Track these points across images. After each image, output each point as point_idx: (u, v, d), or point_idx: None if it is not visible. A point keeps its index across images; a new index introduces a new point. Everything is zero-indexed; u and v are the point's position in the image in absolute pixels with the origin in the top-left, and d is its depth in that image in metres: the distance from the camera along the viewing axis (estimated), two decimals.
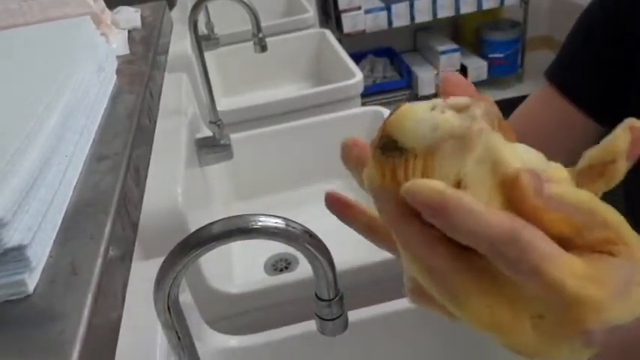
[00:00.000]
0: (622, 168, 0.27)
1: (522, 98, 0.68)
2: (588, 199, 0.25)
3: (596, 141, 0.62)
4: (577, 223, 0.25)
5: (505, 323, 0.24)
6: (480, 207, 0.24)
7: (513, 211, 0.24)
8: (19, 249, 0.28)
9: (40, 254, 0.30)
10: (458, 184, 0.25)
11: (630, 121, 0.27)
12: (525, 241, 0.23)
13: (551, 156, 0.27)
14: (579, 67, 0.61)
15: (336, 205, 0.34)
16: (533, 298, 0.24)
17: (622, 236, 0.25)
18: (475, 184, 0.25)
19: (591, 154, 0.27)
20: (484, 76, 3.23)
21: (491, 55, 3.26)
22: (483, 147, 0.25)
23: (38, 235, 0.30)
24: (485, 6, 3.10)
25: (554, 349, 0.24)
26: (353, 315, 0.58)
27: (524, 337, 0.24)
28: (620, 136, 0.27)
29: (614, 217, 0.25)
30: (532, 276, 0.23)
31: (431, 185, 0.24)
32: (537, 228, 0.24)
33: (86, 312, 0.28)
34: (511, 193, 0.24)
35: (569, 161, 0.63)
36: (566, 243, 0.24)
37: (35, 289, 0.29)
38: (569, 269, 0.23)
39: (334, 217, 0.35)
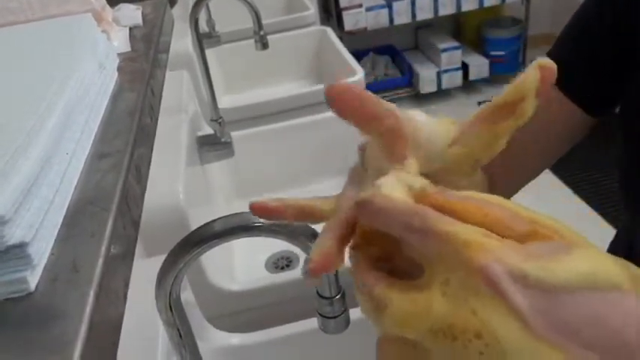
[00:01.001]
0: (531, 106, 0.28)
1: None
2: (498, 200, 0.26)
3: (586, 130, 0.62)
4: (497, 215, 0.25)
5: (420, 303, 0.25)
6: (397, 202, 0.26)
7: None
8: (21, 246, 0.28)
9: (41, 252, 0.30)
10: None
11: (540, 61, 0.28)
12: (427, 211, 0.25)
13: (541, 147, 0.28)
14: (573, 59, 0.61)
15: (261, 213, 0.35)
16: (440, 267, 0.25)
17: (555, 230, 0.25)
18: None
19: (505, 94, 0.29)
20: (485, 73, 3.22)
21: (492, 53, 3.25)
22: None
23: (40, 233, 0.30)
24: (487, 3, 3.09)
25: (466, 311, 0.24)
26: (355, 313, 0.58)
27: (441, 309, 0.24)
28: (530, 75, 0.28)
29: (541, 215, 0.26)
30: (430, 237, 0.24)
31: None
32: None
33: (88, 310, 0.28)
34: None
35: (558, 151, 0.63)
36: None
37: (37, 287, 0.29)
38: (464, 227, 0.24)
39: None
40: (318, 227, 0.45)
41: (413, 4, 3.02)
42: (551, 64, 0.28)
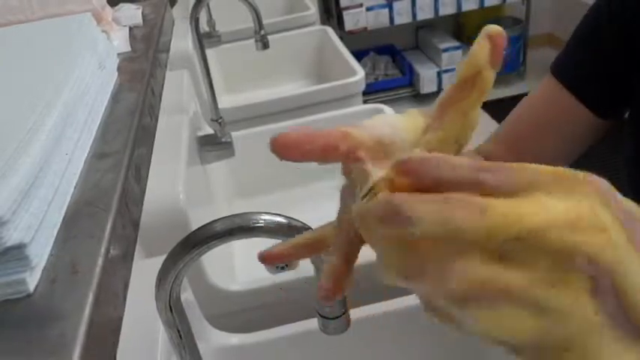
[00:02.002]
0: (489, 76, 0.29)
1: (524, 96, 0.68)
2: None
3: (597, 133, 0.62)
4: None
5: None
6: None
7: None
8: (20, 248, 0.28)
9: (40, 253, 0.30)
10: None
11: (487, 29, 0.28)
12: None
13: (552, 149, 0.27)
14: (584, 62, 0.61)
15: (271, 261, 0.35)
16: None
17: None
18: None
19: (460, 71, 0.29)
20: None
21: None
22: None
23: (39, 234, 0.30)
24: (487, 3, 3.09)
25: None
26: (355, 313, 0.58)
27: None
28: (481, 47, 0.28)
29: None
30: (506, 169, 0.24)
31: None
32: None
33: (87, 311, 0.28)
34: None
35: (571, 153, 0.63)
36: None
37: (36, 288, 0.29)
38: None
39: (335, 215, 0.35)
40: (314, 225, 0.45)
41: (413, 4, 3.02)
42: (499, 31, 0.28)
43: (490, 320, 0.23)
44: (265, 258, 0.35)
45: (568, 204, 0.22)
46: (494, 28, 0.28)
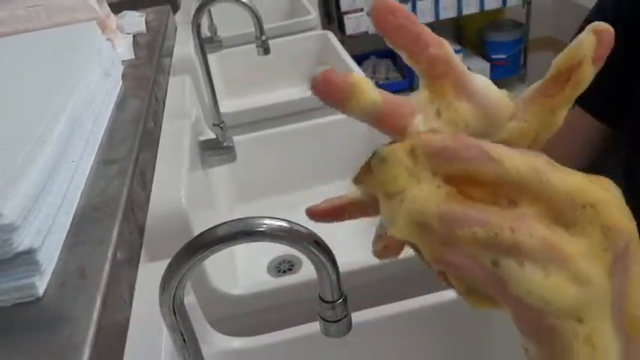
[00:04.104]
0: (588, 72, 0.27)
1: None
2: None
3: (603, 142, 0.62)
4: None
5: None
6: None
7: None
8: (30, 253, 0.29)
9: (49, 258, 0.31)
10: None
11: (596, 24, 0.27)
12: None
13: (554, 156, 0.27)
14: None
15: (322, 217, 0.34)
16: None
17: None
18: None
19: (558, 61, 0.27)
20: (487, 77, 3.22)
21: (493, 57, 3.26)
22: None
23: (48, 239, 0.31)
24: (488, 7, 3.10)
25: None
26: (357, 316, 0.58)
27: None
28: (586, 39, 0.27)
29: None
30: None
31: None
32: None
33: (95, 315, 0.29)
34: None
35: (578, 163, 0.63)
36: None
37: (45, 292, 0.30)
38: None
39: None
40: (316, 229, 0.45)
41: (414, 7, 3.02)
42: (608, 27, 0.26)
43: (545, 282, 0.23)
44: (314, 214, 0.33)
45: (617, 194, 0.24)
46: (602, 25, 0.26)
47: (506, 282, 0.23)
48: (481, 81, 0.30)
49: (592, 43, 0.26)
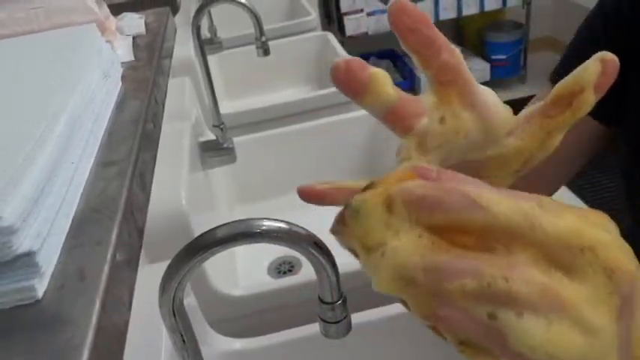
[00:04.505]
0: (589, 99, 0.27)
1: (525, 99, 0.68)
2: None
3: (600, 142, 0.62)
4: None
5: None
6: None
7: None
8: (29, 255, 0.29)
9: (49, 260, 0.31)
10: None
11: (603, 54, 0.27)
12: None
13: (556, 160, 0.27)
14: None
15: (313, 198, 0.33)
16: None
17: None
18: None
19: (562, 84, 0.27)
20: (487, 77, 3.23)
21: (493, 57, 3.26)
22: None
23: (47, 242, 0.31)
24: (488, 7, 3.10)
25: None
26: (356, 318, 0.58)
27: None
28: (591, 66, 0.27)
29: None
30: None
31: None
32: None
33: (94, 317, 0.29)
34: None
35: (575, 164, 0.63)
36: None
37: (45, 295, 0.30)
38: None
39: None
40: (316, 230, 0.45)
41: None
42: (613, 58, 0.27)
43: (546, 333, 0.21)
44: (304, 194, 0.33)
45: (613, 233, 0.23)
46: (609, 55, 0.27)
47: (506, 336, 0.21)
48: (486, 93, 0.30)
49: (596, 71, 0.26)
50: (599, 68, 0.26)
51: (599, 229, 0.23)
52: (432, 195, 0.22)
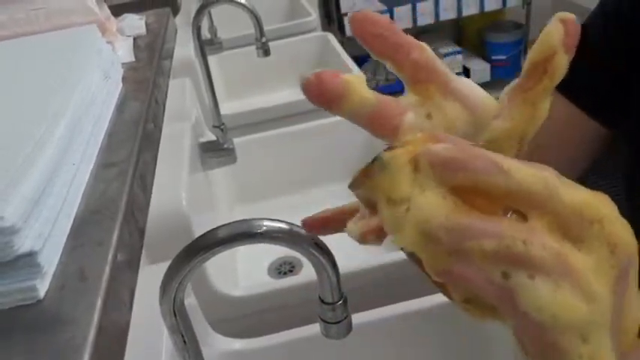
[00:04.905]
0: (562, 60, 0.27)
1: None
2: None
3: (601, 144, 0.62)
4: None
5: None
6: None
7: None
8: (31, 255, 0.29)
9: (50, 260, 0.31)
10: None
11: (560, 14, 0.27)
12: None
13: (552, 158, 0.27)
14: (582, 69, 0.61)
15: (316, 228, 0.35)
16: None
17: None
18: None
19: (532, 54, 0.28)
20: (487, 78, 3.23)
21: (493, 57, 3.26)
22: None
23: (49, 242, 0.31)
24: (488, 8, 3.10)
25: None
26: (357, 318, 0.58)
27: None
28: (554, 28, 0.27)
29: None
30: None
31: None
32: None
33: (96, 317, 0.29)
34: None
35: (578, 166, 0.63)
36: None
37: (46, 295, 0.30)
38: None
39: None
40: (320, 236, 0.45)
41: (414, 9, 3.03)
42: (572, 16, 0.27)
43: (554, 297, 0.22)
44: (308, 226, 0.34)
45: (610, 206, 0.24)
46: (567, 14, 0.27)
47: (516, 295, 0.22)
48: (465, 82, 0.30)
49: (560, 32, 0.27)
50: (561, 29, 0.27)
51: (608, 204, 0.24)
52: (457, 157, 0.23)
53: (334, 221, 0.34)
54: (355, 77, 0.28)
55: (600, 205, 0.24)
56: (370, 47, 0.29)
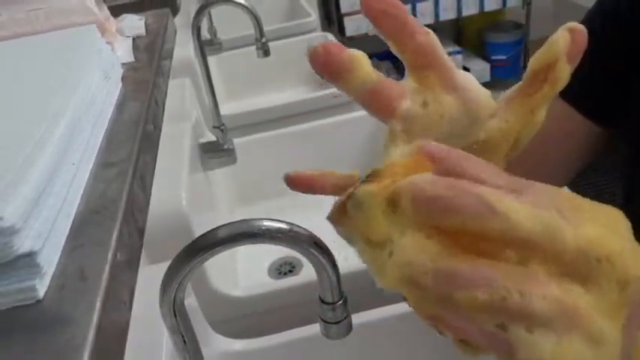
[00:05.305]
0: (564, 69, 0.26)
1: None
2: None
3: (598, 144, 0.62)
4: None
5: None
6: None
7: None
8: (30, 255, 0.29)
9: (50, 260, 0.31)
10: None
11: (570, 24, 0.27)
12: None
13: (550, 160, 0.27)
14: (579, 70, 0.61)
15: (300, 186, 0.33)
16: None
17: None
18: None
19: (535, 60, 0.27)
20: (487, 78, 3.23)
21: (493, 57, 3.26)
22: None
23: (48, 242, 0.31)
24: (488, 8, 3.10)
25: None
26: (357, 318, 0.58)
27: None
28: (561, 36, 0.26)
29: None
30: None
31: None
32: None
33: (95, 317, 0.29)
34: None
35: (574, 166, 0.63)
36: None
37: (45, 295, 0.30)
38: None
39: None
40: (316, 231, 0.45)
41: (414, 9, 3.03)
42: (581, 27, 0.26)
43: (558, 349, 0.20)
44: (290, 180, 0.33)
45: (623, 236, 0.22)
46: (576, 24, 0.26)
47: (515, 349, 0.20)
48: (465, 76, 0.30)
49: (566, 41, 0.26)
50: (568, 38, 0.26)
51: (615, 237, 0.22)
52: (444, 196, 0.21)
53: (319, 184, 0.33)
54: (361, 53, 0.28)
55: (608, 239, 0.21)
56: (376, 22, 0.29)
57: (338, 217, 0.25)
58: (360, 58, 0.28)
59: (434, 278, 0.21)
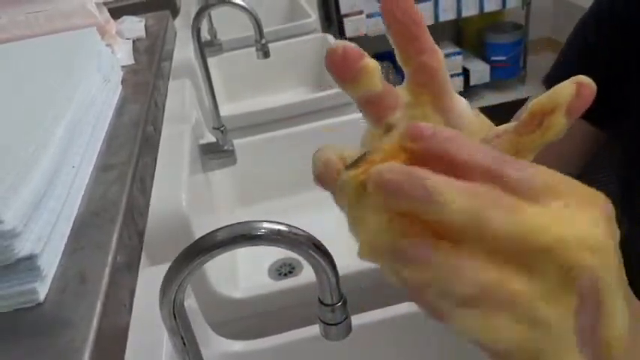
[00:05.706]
0: (559, 121, 0.26)
1: (525, 101, 0.68)
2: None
3: (595, 144, 0.62)
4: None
5: None
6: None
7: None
8: (31, 258, 0.29)
9: (50, 263, 0.31)
10: None
11: (579, 77, 0.26)
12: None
13: (548, 161, 0.27)
14: (575, 71, 0.61)
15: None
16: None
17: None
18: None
19: (535, 102, 0.27)
20: (486, 79, 3.23)
21: (493, 58, 3.26)
22: None
23: (48, 245, 0.31)
24: (487, 9, 3.10)
25: None
26: (356, 319, 0.58)
27: None
28: (566, 87, 0.26)
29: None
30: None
31: None
32: None
33: (95, 319, 0.29)
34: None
35: (571, 167, 0.63)
36: None
37: (46, 298, 0.30)
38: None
39: (336, 222, 0.35)
40: (316, 232, 0.46)
41: None
42: (590, 83, 0.26)
43: (484, 326, 0.23)
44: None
45: (585, 221, 0.23)
46: (586, 79, 0.26)
47: (446, 318, 0.23)
48: (460, 102, 0.30)
49: (570, 93, 0.26)
50: (573, 90, 0.26)
51: (570, 225, 0.22)
52: (394, 181, 0.22)
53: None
54: (375, 65, 0.29)
55: (556, 228, 0.22)
56: (389, 27, 0.30)
57: (337, 195, 0.27)
58: (373, 70, 0.28)
59: (389, 255, 0.24)
